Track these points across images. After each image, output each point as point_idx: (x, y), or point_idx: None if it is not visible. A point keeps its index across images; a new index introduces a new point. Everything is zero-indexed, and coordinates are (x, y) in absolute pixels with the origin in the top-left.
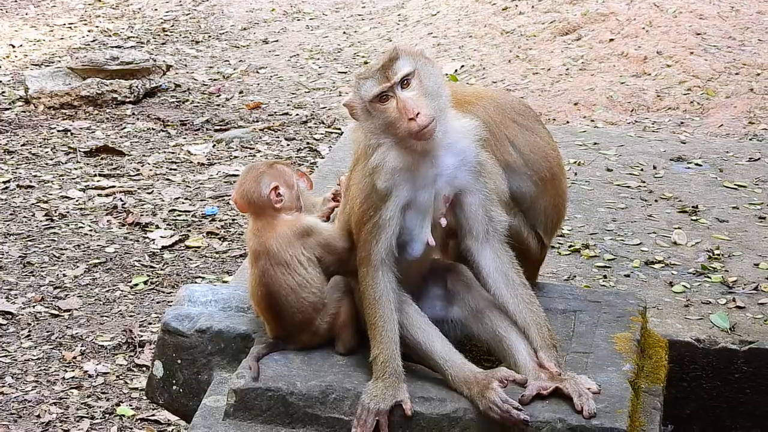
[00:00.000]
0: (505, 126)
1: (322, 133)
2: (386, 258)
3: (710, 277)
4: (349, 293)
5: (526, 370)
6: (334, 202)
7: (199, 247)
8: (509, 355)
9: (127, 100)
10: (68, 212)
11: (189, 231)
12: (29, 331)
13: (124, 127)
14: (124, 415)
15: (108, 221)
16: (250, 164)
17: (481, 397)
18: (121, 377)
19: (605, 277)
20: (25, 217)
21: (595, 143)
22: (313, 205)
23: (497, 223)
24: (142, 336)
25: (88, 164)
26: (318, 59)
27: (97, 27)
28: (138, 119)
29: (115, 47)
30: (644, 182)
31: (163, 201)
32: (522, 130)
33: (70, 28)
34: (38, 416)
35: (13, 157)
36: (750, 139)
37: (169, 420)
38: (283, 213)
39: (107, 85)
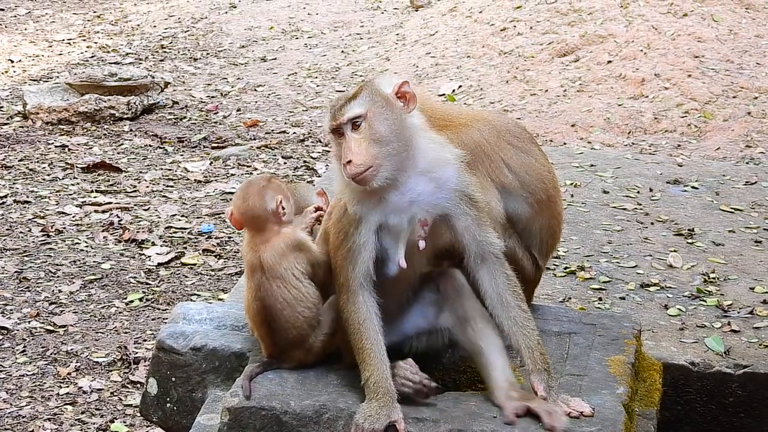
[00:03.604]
0: (500, 148)
1: (319, 152)
2: (365, 282)
3: (705, 301)
4: None
5: (498, 387)
6: (316, 212)
7: (194, 265)
8: (484, 369)
9: (125, 116)
10: (65, 228)
11: (185, 248)
12: (24, 347)
13: (122, 144)
14: None
15: (104, 237)
16: (247, 180)
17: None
18: (115, 394)
19: (600, 299)
20: (21, 232)
21: (592, 165)
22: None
23: (489, 246)
24: (136, 353)
25: (85, 180)
26: (316, 78)
27: (95, 43)
28: (135, 136)
29: (114, 63)
30: (640, 205)
31: (159, 218)
32: (518, 152)
33: (68, 43)
34: None
35: (10, 172)
36: (747, 163)
37: None
38: (283, 226)
39: (105, 101)
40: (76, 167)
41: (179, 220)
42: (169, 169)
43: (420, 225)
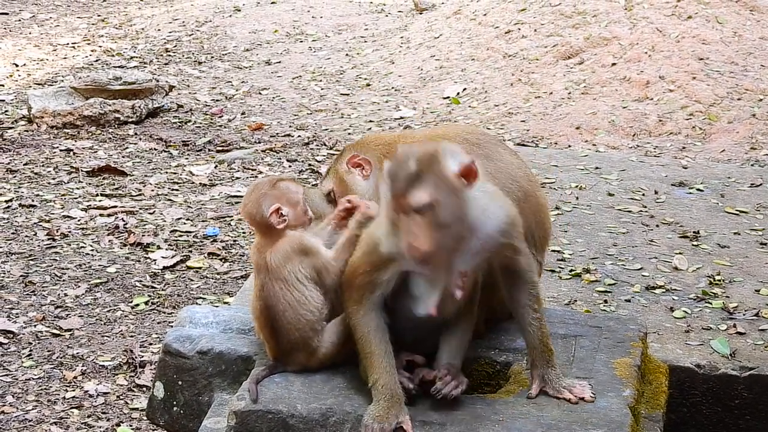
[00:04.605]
0: None
1: (324, 155)
2: (377, 303)
3: (711, 303)
4: None
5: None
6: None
7: (200, 268)
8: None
9: (130, 120)
10: (70, 232)
11: (190, 252)
12: (30, 351)
13: (127, 147)
14: None
15: (109, 241)
16: (255, 182)
17: None
18: (121, 397)
19: (606, 301)
20: (26, 236)
21: (597, 167)
22: (323, 213)
23: (520, 271)
24: (142, 356)
25: (90, 184)
26: (320, 81)
27: (100, 47)
28: (140, 139)
29: (118, 67)
30: (645, 207)
31: (164, 221)
32: (480, 161)
33: (73, 47)
34: None
35: (15, 176)
36: (752, 165)
37: None
38: (288, 230)
39: (110, 105)
40: (81, 171)
41: (184, 223)
42: (174, 173)
43: (460, 275)
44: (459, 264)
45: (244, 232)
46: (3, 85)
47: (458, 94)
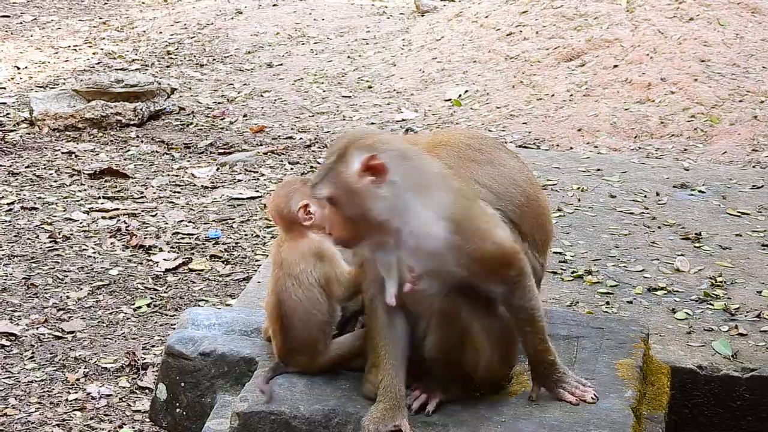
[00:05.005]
0: (465, 168)
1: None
2: (375, 295)
3: (713, 305)
4: None
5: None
6: None
7: (202, 270)
8: None
9: (132, 122)
10: (72, 234)
11: (192, 254)
12: (32, 353)
13: (129, 150)
14: None
15: (112, 244)
16: (286, 179)
17: None
18: (123, 399)
19: (608, 303)
20: (29, 238)
21: (599, 169)
22: None
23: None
24: (145, 358)
25: (92, 186)
26: (322, 83)
27: (101, 49)
28: (142, 142)
29: (120, 70)
30: (647, 209)
31: (166, 224)
32: (483, 166)
33: (74, 50)
34: None
35: (17, 179)
36: (753, 167)
37: None
38: (312, 231)
39: (112, 108)
40: (83, 173)
41: (186, 225)
42: (176, 175)
43: (408, 270)
44: (403, 257)
45: (246, 235)
46: (5, 88)
47: (460, 96)
